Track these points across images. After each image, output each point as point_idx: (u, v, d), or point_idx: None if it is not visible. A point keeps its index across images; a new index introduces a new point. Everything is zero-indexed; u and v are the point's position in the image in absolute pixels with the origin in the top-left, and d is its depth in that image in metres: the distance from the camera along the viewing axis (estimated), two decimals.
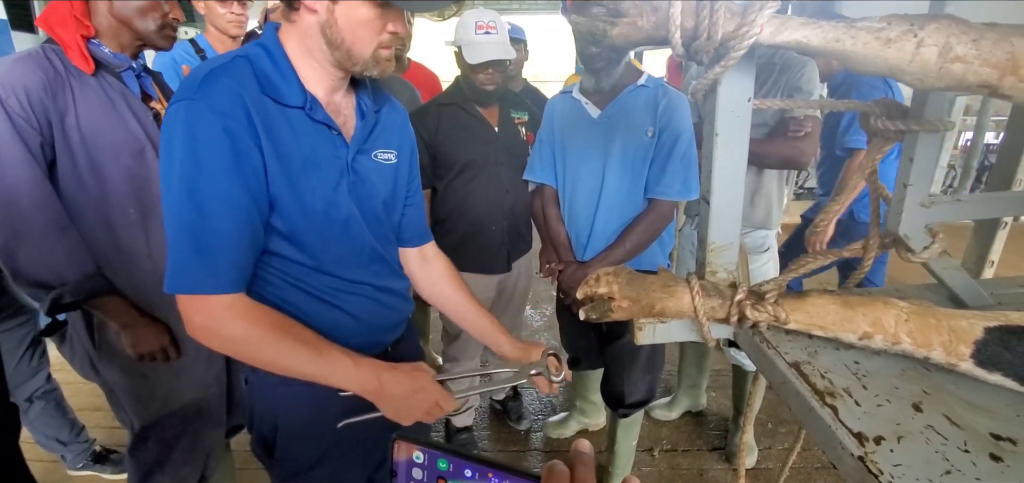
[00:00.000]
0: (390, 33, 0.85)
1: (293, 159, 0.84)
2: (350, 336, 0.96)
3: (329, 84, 0.89)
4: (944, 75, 0.53)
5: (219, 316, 0.79)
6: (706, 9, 0.62)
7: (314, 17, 0.82)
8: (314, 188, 0.86)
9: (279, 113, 0.83)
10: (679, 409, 2.34)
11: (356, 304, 0.97)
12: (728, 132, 0.73)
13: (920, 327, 0.66)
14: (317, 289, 0.92)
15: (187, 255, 0.77)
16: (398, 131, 1.04)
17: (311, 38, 0.84)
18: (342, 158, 0.91)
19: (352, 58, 0.85)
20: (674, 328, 0.86)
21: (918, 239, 0.77)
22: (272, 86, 0.83)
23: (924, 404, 0.62)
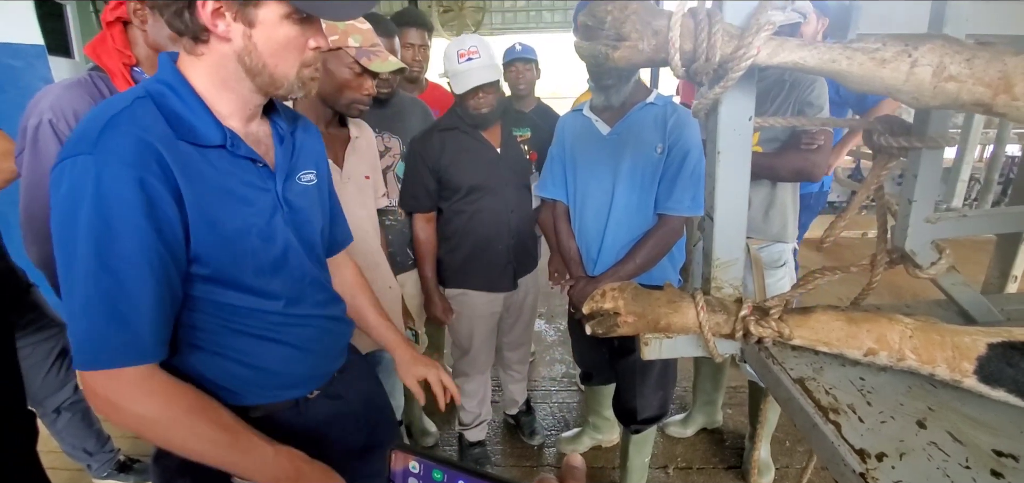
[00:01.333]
0: (313, 50, 0.80)
1: (219, 202, 0.76)
2: (298, 368, 0.92)
3: (246, 114, 0.82)
4: (939, 94, 0.54)
5: (129, 392, 0.70)
6: (704, 32, 0.64)
7: (228, 46, 0.74)
8: (248, 227, 0.80)
9: (197, 155, 0.74)
10: (694, 426, 2.32)
11: (302, 335, 0.91)
12: (730, 149, 0.74)
13: (924, 343, 0.66)
14: (260, 328, 0.85)
15: (102, 326, 0.67)
16: (313, 150, 0.98)
17: (225, 69, 0.76)
18: (271, 190, 0.84)
19: (275, 82, 0.78)
20: (680, 343, 0.87)
21: (925, 255, 0.77)
22: (185, 127, 0.74)
23: (928, 421, 0.62)
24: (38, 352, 1.74)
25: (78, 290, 0.67)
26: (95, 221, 0.66)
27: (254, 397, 0.88)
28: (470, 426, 2.11)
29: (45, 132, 1.13)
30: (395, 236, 1.79)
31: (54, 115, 1.14)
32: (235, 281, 0.80)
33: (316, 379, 0.97)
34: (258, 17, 0.73)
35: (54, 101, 1.15)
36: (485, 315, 1.92)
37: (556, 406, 2.57)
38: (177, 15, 0.72)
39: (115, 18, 1.22)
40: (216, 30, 0.73)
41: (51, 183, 0.69)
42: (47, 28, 2.95)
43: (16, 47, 2.65)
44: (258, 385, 0.88)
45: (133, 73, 1.23)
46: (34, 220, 1.16)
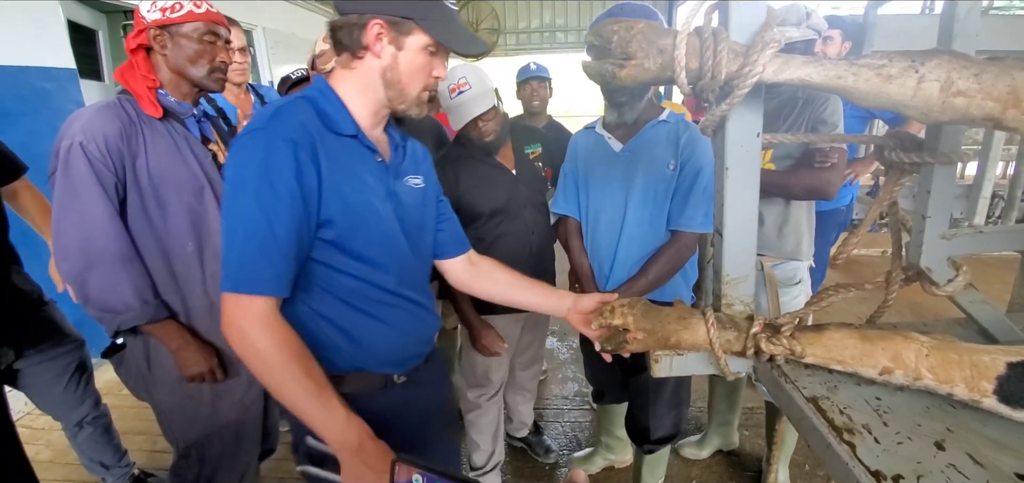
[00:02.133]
0: (434, 79, 0.98)
1: (348, 178, 0.94)
2: (392, 347, 1.04)
3: (373, 120, 1.01)
4: (948, 109, 0.53)
5: (252, 322, 0.84)
6: (710, 50, 0.65)
7: (377, 62, 0.94)
8: (367, 203, 0.96)
9: (336, 141, 0.94)
10: (710, 447, 2.27)
11: (394, 315, 1.04)
12: (738, 166, 0.74)
13: (941, 363, 0.64)
14: (364, 302, 0.99)
15: (251, 258, 0.84)
16: (422, 160, 1.16)
17: (368, 80, 0.96)
18: (385, 181, 1.01)
19: (403, 97, 0.97)
20: (691, 361, 0.86)
21: (941, 272, 0.75)
22: (330, 119, 0.95)
23: (947, 442, 0.61)
24: (53, 367, 1.76)
25: (239, 230, 0.84)
26: (261, 178, 0.84)
27: (351, 363, 1.01)
28: (485, 469, 2.01)
29: (76, 153, 1.18)
30: None
31: (85, 138, 1.19)
32: (351, 248, 0.95)
33: (404, 362, 1.09)
34: (406, 43, 0.93)
35: (85, 124, 1.20)
36: (506, 338, 1.89)
37: (568, 425, 2.54)
38: (348, 34, 0.93)
39: (137, 45, 1.28)
40: (374, 49, 0.92)
41: (229, 152, 0.89)
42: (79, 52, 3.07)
43: (49, 71, 2.76)
44: (352, 354, 1.01)
45: (158, 95, 1.29)
46: (64, 237, 1.21)
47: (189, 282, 1.34)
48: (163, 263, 1.31)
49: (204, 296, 1.36)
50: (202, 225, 1.33)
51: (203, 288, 1.36)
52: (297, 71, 1.86)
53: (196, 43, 1.28)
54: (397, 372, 1.08)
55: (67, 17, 2.97)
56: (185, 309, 1.35)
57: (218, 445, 1.46)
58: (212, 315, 1.38)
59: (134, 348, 1.36)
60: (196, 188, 1.32)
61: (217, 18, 1.32)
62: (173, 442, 1.48)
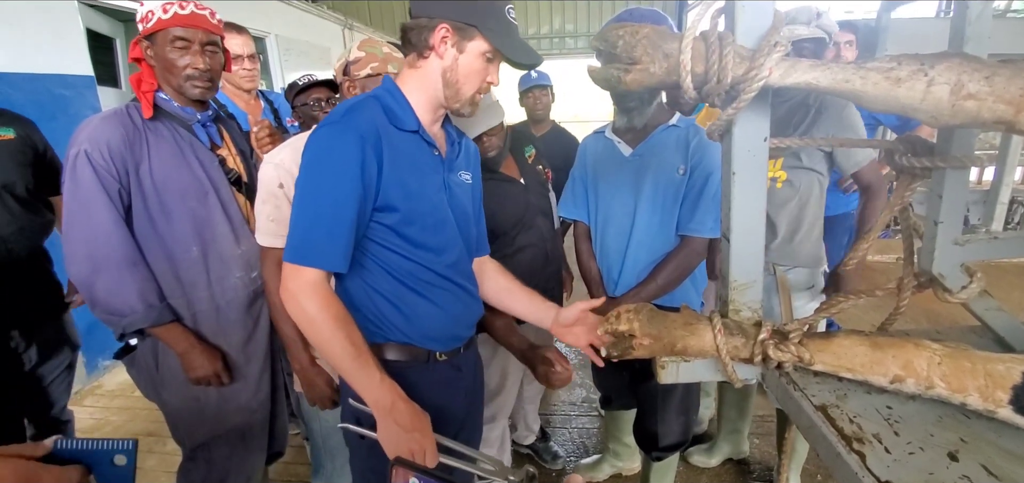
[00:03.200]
0: (487, 83, 1.06)
1: (408, 168, 1.03)
2: (438, 325, 1.13)
3: (432, 117, 1.09)
4: (958, 112, 0.53)
5: (305, 290, 0.95)
6: (715, 54, 0.65)
7: (440, 62, 1.02)
8: (423, 190, 1.06)
9: (399, 135, 1.04)
10: (719, 455, 2.24)
11: (442, 297, 1.12)
12: (745, 171, 0.73)
13: (954, 371, 0.63)
14: (414, 281, 1.08)
15: (314, 234, 0.95)
16: (473, 159, 1.26)
17: (430, 79, 1.04)
18: (441, 173, 1.11)
19: (458, 97, 1.04)
20: (698, 367, 0.85)
21: (954, 278, 0.74)
22: (395, 116, 1.04)
23: (961, 453, 0.59)
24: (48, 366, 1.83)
25: (307, 208, 0.96)
26: (331, 165, 0.95)
27: (398, 335, 1.11)
28: None
29: (82, 162, 1.21)
30: None
31: (90, 146, 1.22)
32: (408, 232, 1.04)
33: (447, 341, 1.17)
34: (467, 47, 1.00)
35: (90, 133, 1.23)
36: None
37: (575, 432, 2.53)
38: (418, 34, 1.00)
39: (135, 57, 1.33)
40: (438, 49, 1.00)
41: (307, 144, 0.99)
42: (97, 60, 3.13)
43: (67, 78, 2.82)
44: (402, 328, 1.10)
45: (157, 98, 1.32)
46: (72, 242, 1.23)
47: (194, 286, 1.35)
48: (168, 267, 1.33)
49: (209, 300, 1.38)
50: (206, 230, 1.35)
51: (208, 292, 1.37)
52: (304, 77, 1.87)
53: (168, 51, 1.28)
54: (440, 350, 1.15)
55: (86, 25, 3.03)
56: (191, 312, 1.37)
57: (225, 447, 1.47)
58: (218, 318, 1.40)
59: (143, 350, 1.37)
60: (200, 193, 1.33)
61: (186, 21, 1.27)
62: (181, 443, 1.49)
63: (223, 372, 1.38)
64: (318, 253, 0.96)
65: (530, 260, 1.74)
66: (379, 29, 8.32)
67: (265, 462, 1.65)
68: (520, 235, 1.72)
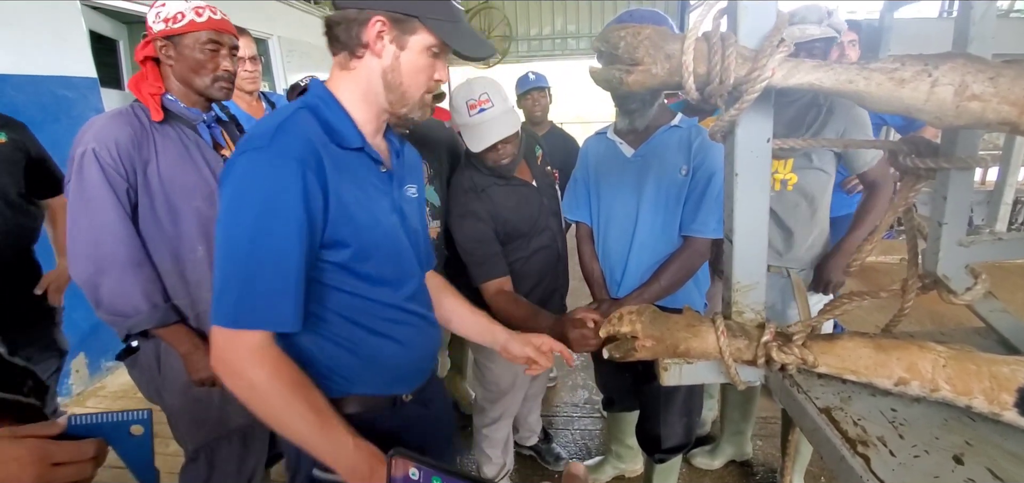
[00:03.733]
0: (435, 81, 0.93)
1: (357, 196, 0.89)
2: (400, 364, 1.01)
3: (375, 126, 0.95)
4: (962, 113, 0.52)
5: (248, 357, 0.79)
6: (718, 55, 0.64)
7: (378, 62, 0.88)
8: (377, 220, 0.92)
9: (342, 155, 0.88)
10: (722, 457, 2.23)
11: (405, 332, 1.00)
12: (748, 172, 0.73)
13: (959, 373, 0.63)
14: (372, 321, 0.95)
15: (256, 290, 0.78)
16: (416, 168, 1.12)
17: (369, 82, 0.89)
18: (391, 193, 0.97)
19: (404, 101, 0.91)
20: (701, 369, 0.85)
21: (959, 280, 0.73)
22: (335, 132, 0.88)
23: (966, 456, 0.59)
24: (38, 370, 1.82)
25: (238, 259, 0.79)
26: (264, 203, 0.78)
27: (358, 386, 0.96)
28: (496, 479, 1.97)
29: (89, 160, 1.21)
30: None
31: (97, 144, 1.22)
32: (362, 268, 0.90)
33: (413, 379, 1.06)
34: (409, 42, 0.87)
35: (98, 131, 1.23)
36: None
37: (578, 433, 2.52)
38: (346, 31, 0.86)
39: (145, 57, 1.32)
40: (374, 47, 0.86)
41: (223, 176, 0.82)
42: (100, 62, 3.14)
43: (70, 79, 2.83)
44: (362, 376, 0.96)
45: (166, 101, 1.32)
46: (79, 243, 1.23)
47: (200, 286, 1.35)
48: (174, 267, 1.33)
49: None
50: (213, 230, 1.34)
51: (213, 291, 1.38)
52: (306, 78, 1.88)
53: (198, 53, 1.30)
54: (405, 391, 1.04)
55: (89, 27, 3.04)
56: (195, 313, 1.37)
57: (226, 449, 1.47)
58: None
59: (146, 351, 1.38)
60: (206, 193, 1.33)
61: (219, 26, 1.32)
62: (182, 444, 1.49)
63: None
64: (262, 312, 0.79)
65: (543, 261, 1.74)
66: None
67: (266, 463, 1.65)
68: (535, 238, 1.71)
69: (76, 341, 2.85)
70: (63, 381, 2.81)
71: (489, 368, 1.84)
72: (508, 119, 1.49)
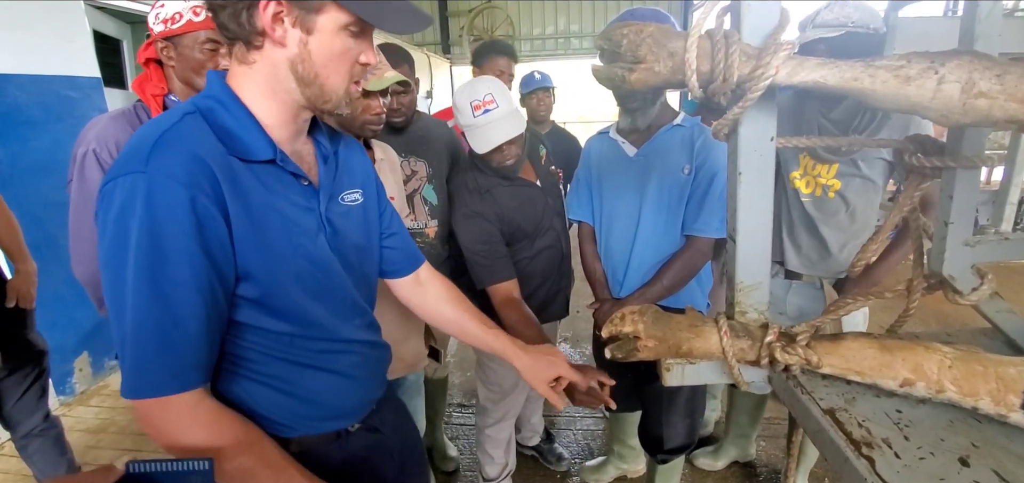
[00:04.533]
0: (362, 65, 0.78)
1: (267, 220, 0.75)
2: (342, 397, 0.91)
3: (292, 130, 0.80)
4: (969, 111, 0.52)
5: (178, 421, 0.68)
6: (721, 52, 0.64)
7: (282, 52, 0.72)
8: (295, 248, 0.78)
9: (246, 172, 0.73)
10: (726, 458, 2.22)
11: (346, 362, 0.89)
12: (751, 171, 0.73)
13: (965, 375, 0.62)
14: (305, 356, 0.83)
15: (151, 353, 0.66)
16: (359, 167, 0.96)
17: (276, 78, 0.74)
18: (316, 209, 0.82)
19: (325, 95, 0.75)
20: (703, 370, 0.85)
21: (965, 280, 0.72)
22: (236, 142, 0.73)
23: (972, 458, 0.58)
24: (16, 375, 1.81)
25: (127, 316, 0.65)
26: (145, 242, 0.64)
27: (299, 428, 0.86)
28: (497, 480, 1.98)
29: (90, 161, 1.22)
30: None
31: (98, 145, 1.23)
32: (281, 304, 0.78)
33: (359, 410, 0.95)
34: (317, 24, 0.71)
35: (99, 132, 1.24)
36: None
37: (580, 433, 2.52)
38: (234, 17, 0.70)
39: (147, 58, 1.33)
40: (273, 34, 0.70)
41: (99, 202, 0.67)
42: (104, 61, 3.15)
43: (74, 79, 2.84)
44: (302, 416, 0.86)
45: (167, 101, 1.32)
46: (81, 242, 1.24)
47: None
48: None
49: None
50: None
51: None
52: None
53: (197, 52, 1.29)
54: (351, 422, 0.94)
55: (93, 27, 3.05)
56: None
57: None
58: None
59: None
60: None
61: None
62: None
63: None
64: (169, 376, 0.67)
65: (548, 261, 1.73)
66: None
67: None
68: (539, 238, 1.70)
69: (79, 340, 2.86)
70: (66, 380, 2.82)
71: (492, 369, 1.83)
72: (513, 120, 1.47)
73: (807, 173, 1.65)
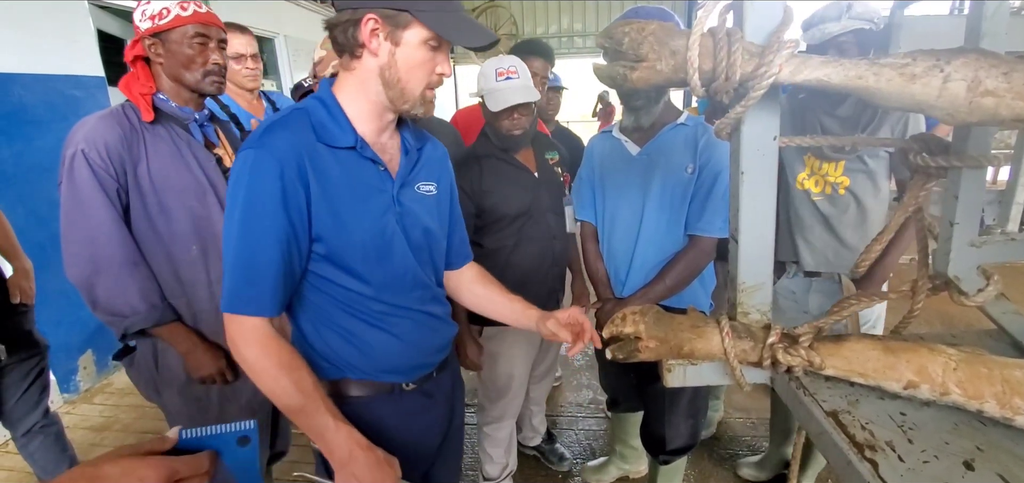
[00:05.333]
0: (438, 74, 0.93)
1: (342, 195, 0.91)
2: (397, 357, 1.03)
3: (377, 125, 0.96)
4: (975, 110, 0.51)
5: (243, 337, 0.88)
6: (724, 51, 0.63)
7: (375, 60, 0.89)
8: (361, 218, 0.93)
9: (330, 155, 0.91)
10: (771, 470, 2.12)
11: (401, 327, 1.02)
12: (754, 170, 0.72)
13: (970, 377, 0.61)
14: (366, 313, 0.98)
15: (239, 281, 0.87)
16: (437, 166, 1.12)
17: (368, 81, 0.91)
18: (388, 191, 0.98)
19: (404, 97, 0.92)
20: (705, 370, 0.84)
21: (970, 281, 0.72)
22: (326, 132, 0.91)
23: (976, 462, 0.57)
24: (18, 371, 1.81)
25: (231, 250, 0.86)
26: (247, 199, 0.85)
27: (355, 372, 1.01)
28: (498, 480, 1.99)
29: (79, 161, 1.20)
30: None
31: (86, 145, 1.21)
32: (345, 263, 0.94)
33: (413, 370, 1.07)
34: (403, 38, 0.88)
35: (87, 133, 1.22)
36: (526, 350, 1.85)
37: (582, 433, 2.51)
38: (344, 32, 0.88)
39: (134, 56, 1.31)
40: (369, 45, 0.88)
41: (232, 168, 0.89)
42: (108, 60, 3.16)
43: (79, 79, 2.85)
44: (358, 363, 1.00)
45: (157, 100, 1.31)
46: (72, 243, 1.23)
47: (194, 285, 1.35)
48: (168, 267, 1.32)
49: (210, 299, 1.37)
50: (206, 228, 1.34)
51: (209, 291, 1.36)
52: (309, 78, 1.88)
53: (186, 47, 1.28)
54: (406, 380, 1.06)
55: (97, 26, 3.06)
56: (191, 312, 1.36)
57: None
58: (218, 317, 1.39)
59: (143, 350, 1.37)
60: (199, 192, 1.32)
61: (205, 19, 1.31)
62: None
63: (227, 371, 1.38)
64: (245, 300, 0.87)
65: (535, 256, 1.73)
66: None
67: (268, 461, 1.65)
68: (526, 226, 1.71)
69: (83, 339, 2.87)
70: (70, 378, 2.84)
71: (489, 367, 1.84)
72: (528, 92, 1.59)
73: (815, 173, 1.64)
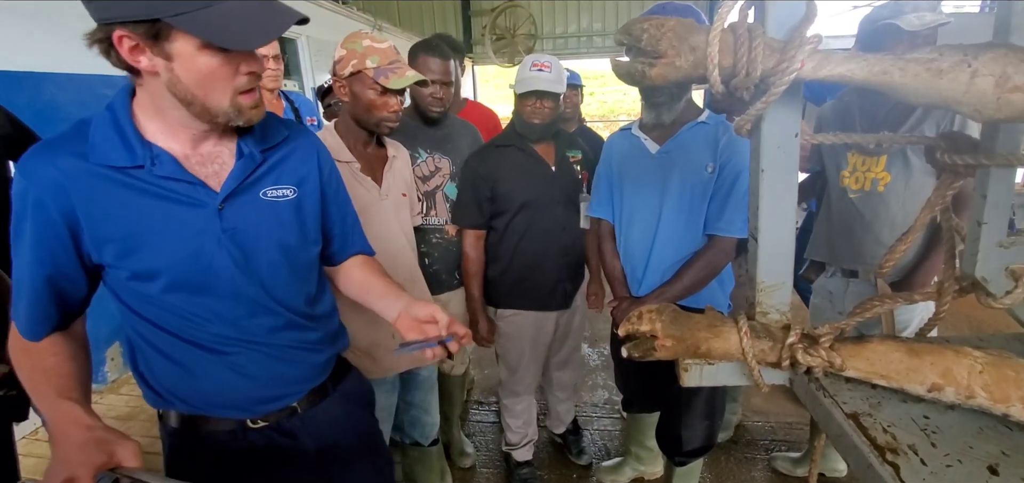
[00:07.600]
0: (247, 75, 0.80)
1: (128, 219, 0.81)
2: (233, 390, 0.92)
3: (191, 135, 0.84)
4: (1004, 106, 0.50)
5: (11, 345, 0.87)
6: (744, 46, 0.63)
7: (157, 78, 0.76)
8: (162, 242, 0.82)
9: (109, 178, 0.80)
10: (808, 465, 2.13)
11: (241, 358, 0.91)
12: (774, 168, 0.71)
13: (996, 380, 0.60)
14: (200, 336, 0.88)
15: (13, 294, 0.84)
16: (299, 165, 0.97)
17: (160, 98, 0.79)
18: (208, 206, 0.85)
19: (210, 111, 0.79)
20: (722, 371, 0.83)
21: (998, 283, 0.70)
22: (104, 152, 0.80)
23: (1001, 467, 0.56)
24: None
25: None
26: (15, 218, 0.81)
27: (181, 404, 0.93)
28: (517, 446, 2.10)
29: None
30: (442, 254, 1.83)
31: None
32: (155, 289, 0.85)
33: (259, 405, 0.95)
34: (173, 51, 0.74)
35: None
36: (536, 335, 1.91)
37: (597, 433, 2.51)
38: (106, 54, 0.75)
39: None
40: (139, 65, 0.74)
41: None
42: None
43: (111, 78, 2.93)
44: (184, 394, 0.92)
45: None
46: None
47: None
48: None
49: None
50: None
51: None
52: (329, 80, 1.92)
53: None
54: (250, 416, 0.95)
55: None
56: None
57: None
58: None
59: None
60: None
61: None
62: None
63: None
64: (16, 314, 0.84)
65: (538, 241, 1.79)
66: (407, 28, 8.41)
67: None
68: (536, 215, 1.78)
69: (110, 331, 2.96)
70: (98, 369, 2.93)
71: (503, 345, 1.95)
72: (555, 84, 1.69)
73: (856, 170, 1.62)
